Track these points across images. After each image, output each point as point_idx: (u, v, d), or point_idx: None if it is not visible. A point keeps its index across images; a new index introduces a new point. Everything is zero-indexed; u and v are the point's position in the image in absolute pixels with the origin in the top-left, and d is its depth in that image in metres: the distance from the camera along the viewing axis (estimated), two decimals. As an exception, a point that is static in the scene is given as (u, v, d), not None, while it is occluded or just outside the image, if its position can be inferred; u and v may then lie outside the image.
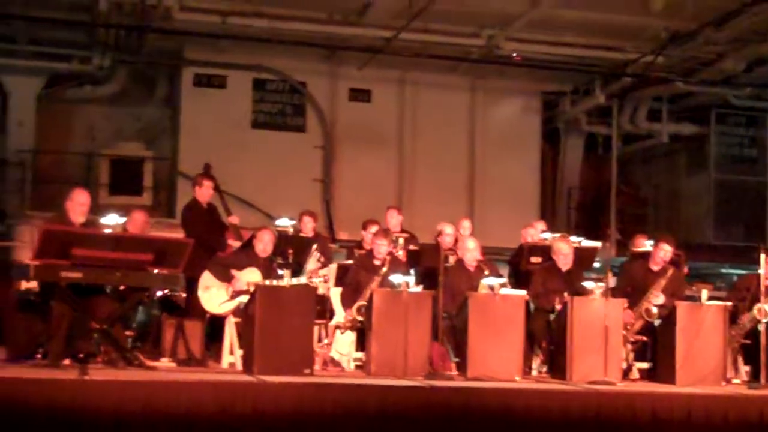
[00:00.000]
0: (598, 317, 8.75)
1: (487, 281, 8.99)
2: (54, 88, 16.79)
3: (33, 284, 8.72)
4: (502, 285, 9.00)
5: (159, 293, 9.48)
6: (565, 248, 9.60)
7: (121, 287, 8.58)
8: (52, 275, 7.84)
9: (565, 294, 9.08)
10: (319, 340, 9.41)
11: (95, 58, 16.15)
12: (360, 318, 9.02)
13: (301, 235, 10.37)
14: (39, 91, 16.51)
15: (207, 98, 16.44)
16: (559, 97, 18.09)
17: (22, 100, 16.39)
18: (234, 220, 10.55)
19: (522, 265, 10.26)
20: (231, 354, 8.86)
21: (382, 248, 9.29)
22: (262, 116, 16.79)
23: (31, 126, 16.44)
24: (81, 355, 8.19)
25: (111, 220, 9.06)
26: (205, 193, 10.23)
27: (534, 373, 9.41)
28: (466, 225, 10.82)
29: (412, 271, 9.36)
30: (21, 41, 15.84)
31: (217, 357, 9.10)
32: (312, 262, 9.36)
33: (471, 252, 9.59)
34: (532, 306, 9.41)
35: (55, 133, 17.07)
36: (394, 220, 10.77)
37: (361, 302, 9.02)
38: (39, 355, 8.36)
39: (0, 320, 9.60)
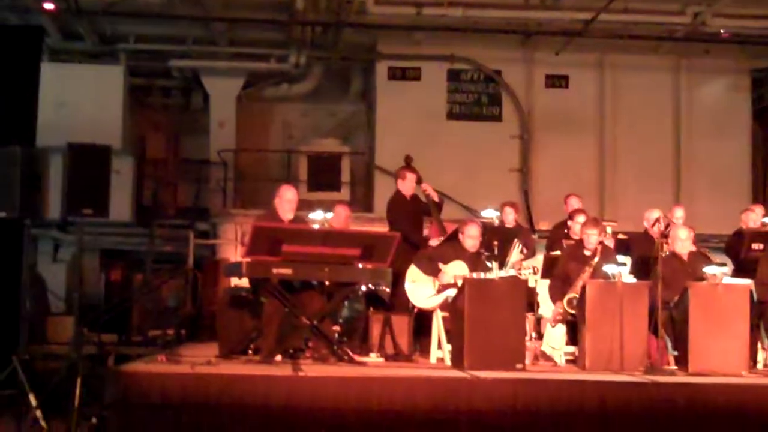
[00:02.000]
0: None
1: (709, 270, 8.48)
2: (252, 87, 17.16)
3: (243, 281, 8.85)
4: (724, 274, 8.50)
5: (363, 288, 9.43)
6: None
7: (327, 282, 8.60)
8: (264, 272, 7.90)
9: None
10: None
11: (291, 56, 16.39)
12: (571, 311, 8.69)
13: (506, 226, 10.13)
14: (238, 91, 16.90)
15: (402, 91, 16.38)
16: (771, 74, 17.12)
17: (222, 101, 16.83)
18: (426, 186, 10.26)
19: (742, 253, 9.66)
20: (439, 349, 8.70)
21: (592, 238, 8.93)
22: (458, 107, 16.58)
23: (231, 126, 16.84)
24: (291, 351, 8.26)
25: (317, 216, 9.08)
26: (408, 185, 10.14)
27: (760, 366, 8.84)
28: (679, 214, 10.21)
29: (626, 261, 8.93)
30: (221, 43, 16.22)
31: (424, 352, 8.96)
32: (515, 254, 9.08)
33: (682, 242, 9.09)
34: (755, 295, 8.83)
35: (254, 132, 17.45)
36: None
37: (573, 294, 8.69)
38: (251, 351, 8.45)
39: (212, 317, 9.80)
